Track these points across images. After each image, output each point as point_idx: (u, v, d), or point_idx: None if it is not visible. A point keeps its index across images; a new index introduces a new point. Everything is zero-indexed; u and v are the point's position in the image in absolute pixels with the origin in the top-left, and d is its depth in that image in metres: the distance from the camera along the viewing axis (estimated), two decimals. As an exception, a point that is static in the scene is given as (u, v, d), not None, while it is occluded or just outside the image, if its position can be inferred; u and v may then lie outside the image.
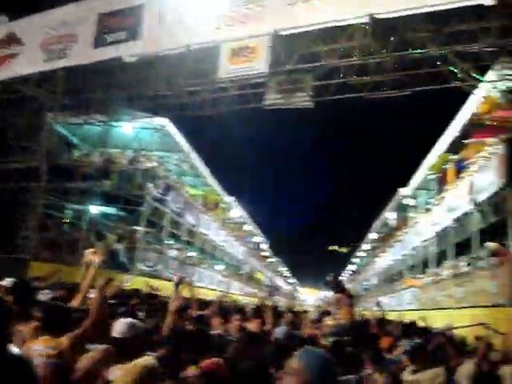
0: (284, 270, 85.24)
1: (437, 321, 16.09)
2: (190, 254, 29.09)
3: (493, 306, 13.97)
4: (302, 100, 14.61)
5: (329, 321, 11.73)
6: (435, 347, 7.61)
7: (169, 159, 23.82)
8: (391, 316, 21.35)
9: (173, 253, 25.10)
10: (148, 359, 3.62)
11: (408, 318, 20.20)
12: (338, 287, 10.31)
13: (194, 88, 15.97)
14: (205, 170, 27.09)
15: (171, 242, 27.20)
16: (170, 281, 21.54)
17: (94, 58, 16.44)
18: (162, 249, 22.95)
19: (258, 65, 13.57)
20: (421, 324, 14.71)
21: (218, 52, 14.39)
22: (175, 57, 15.43)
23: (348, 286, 65.89)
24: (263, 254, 57.19)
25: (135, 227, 21.38)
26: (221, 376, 4.60)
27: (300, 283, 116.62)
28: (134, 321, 5.08)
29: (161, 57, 15.61)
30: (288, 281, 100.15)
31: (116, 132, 21.04)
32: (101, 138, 20.70)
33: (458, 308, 17.01)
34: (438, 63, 13.07)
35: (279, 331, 7.53)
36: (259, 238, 50.07)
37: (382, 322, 11.82)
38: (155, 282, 19.35)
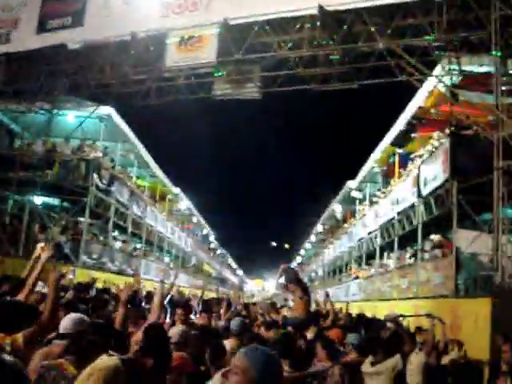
0: (231, 261, 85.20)
1: (381, 311, 16.35)
2: (136, 245, 28.63)
3: (435, 297, 14.25)
4: (250, 91, 14.50)
5: (285, 311, 11.71)
6: (391, 336, 7.65)
7: (114, 149, 23.25)
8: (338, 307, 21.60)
9: (118, 245, 24.60)
10: (111, 359, 3.41)
11: (354, 309, 20.56)
12: (293, 279, 10.30)
13: (140, 77, 15.57)
14: (151, 161, 26.58)
15: (117, 233, 26.71)
16: (113, 273, 21.43)
17: (36, 43, 15.77)
18: (107, 241, 22.44)
19: (206, 54, 13.35)
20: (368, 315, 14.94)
21: (164, 40, 14.09)
22: (121, 44, 15.02)
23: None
24: (211, 246, 57.00)
25: (79, 218, 20.86)
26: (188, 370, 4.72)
27: (247, 275, 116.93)
28: (81, 316, 4.96)
29: (106, 44, 15.14)
30: (236, 273, 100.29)
31: (60, 121, 20.32)
32: (44, 127, 19.94)
33: (401, 299, 17.32)
34: (386, 57, 13.13)
35: (235, 323, 7.41)
36: (206, 230, 49.81)
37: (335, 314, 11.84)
38: (100, 275, 19.05)
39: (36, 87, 16.99)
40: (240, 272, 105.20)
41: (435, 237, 15.88)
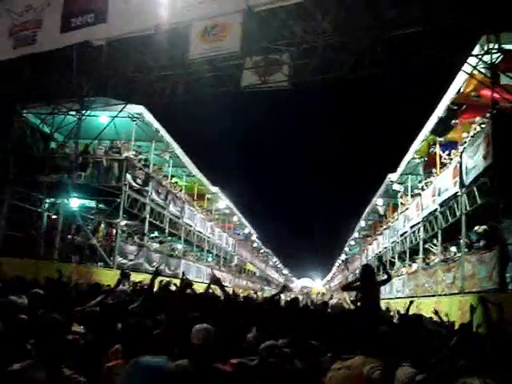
0: (276, 261, 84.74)
1: (427, 308, 15.54)
2: (174, 246, 28.43)
3: (480, 292, 13.41)
4: (279, 80, 13.95)
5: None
6: None
7: (148, 149, 23.02)
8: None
9: (155, 245, 24.37)
10: None
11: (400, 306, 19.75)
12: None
13: (166, 72, 15.22)
14: (187, 160, 26.32)
15: (155, 234, 26.52)
16: (151, 274, 21.08)
17: (61, 43, 15.57)
18: (143, 241, 22.19)
19: (230, 44, 12.85)
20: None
21: (188, 33, 13.66)
22: (145, 39, 14.67)
23: (339, 276, 65.51)
24: (254, 245, 56.63)
25: (114, 220, 20.66)
26: None
27: (293, 274, 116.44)
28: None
29: (129, 39, 14.81)
30: (282, 272, 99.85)
31: (91, 121, 20.17)
32: (75, 129, 19.82)
33: (446, 295, 16.51)
34: (419, 39, 12.42)
35: None
36: (248, 229, 49.43)
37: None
38: (137, 277, 18.77)
39: (63, 87, 16.84)
40: (285, 271, 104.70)
41: (480, 228, 14.98)
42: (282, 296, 26.13)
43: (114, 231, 20.30)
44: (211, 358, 4.62)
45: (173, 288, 10.05)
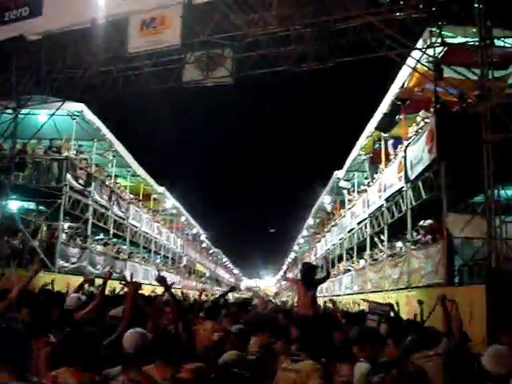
0: (226, 261, 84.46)
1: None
2: (120, 248, 27.71)
3: (428, 286, 13.42)
4: (222, 76, 13.59)
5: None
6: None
7: (90, 148, 22.31)
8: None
9: (98, 247, 23.65)
10: None
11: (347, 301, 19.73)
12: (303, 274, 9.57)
13: (106, 68, 14.66)
14: (131, 160, 25.64)
15: (100, 236, 25.78)
16: (96, 277, 20.40)
17: (-6, 37, 14.83)
18: (85, 244, 21.43)
19: (170, 37, 12.42)
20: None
21: (127, 25, 13.15)
22: (82, 33, 14.06)
23: (290, 273, 65.75)
24: (203, 245, 56.16)
25: (55, 222, 19.88)
26: None
27: (243, 274, 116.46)
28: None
29: (66, 33, 14.16)
30: (232, 272, 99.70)
31: (30, 120, 19.37)
32: (12, 128, 18.96)
33: (393, 290, 16.53)
34: (364, 31, 12.28)
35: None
36: (197, 229, 48.91)
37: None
38: (79, 280, 18.06)
39: (-3, 84, 16.03)
40: (236, 271, 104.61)
41: (425, 222, 15.03)
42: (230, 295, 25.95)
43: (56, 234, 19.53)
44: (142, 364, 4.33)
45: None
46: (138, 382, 4.14)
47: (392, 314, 8.25)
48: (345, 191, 26.55)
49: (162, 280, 6.26)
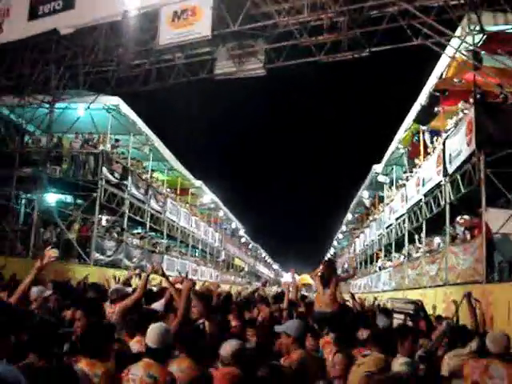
0: (265, 256, 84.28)
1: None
2: (157, 241, 27.84)
3: (466, 283, 12.96)
4: (254, 67, 13.39)
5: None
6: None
7: (126, 142, 22.40)
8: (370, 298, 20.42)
9: (135, 240, 23.76)
10: None
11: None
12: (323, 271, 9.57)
13: (138, 61, 14.62)
14: (168, 154, 25.67)
15: (138, 230, 25.92)
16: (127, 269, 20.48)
17: (28, 31, 14.90)
18: (121, 237, 21.54)
19: (200, 28, 12.27)
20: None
21: (158, 18, 13.07)
22: (114, 26, 14.04)
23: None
24: (241, 240, 56.10)
25: (92, 215, 20.03)
26: None
27: (283, 269, 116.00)
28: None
29: (96, 27, 14.16)
30: (272, 267, 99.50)
31: (66, 114, 19.55)
32: (49, 121, 19.14)
33: (431, 286, 16.09)
34: (399, 18, 11.88)
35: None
36: (235, 224, 48.83)
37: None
38: (115, 272, 18.12)
39: (34, 78, 16.18)
40: (275, 266, 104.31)
41: (463, 217, 14.52)
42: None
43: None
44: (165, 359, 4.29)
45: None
46: (155, 377, 4.00)
47: (421, 312, 7.99)
48: (384, 186, 26.02)
49: (156, 271, 6.38)
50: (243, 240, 56.92)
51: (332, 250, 58.55)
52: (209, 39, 12.63)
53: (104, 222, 21.53)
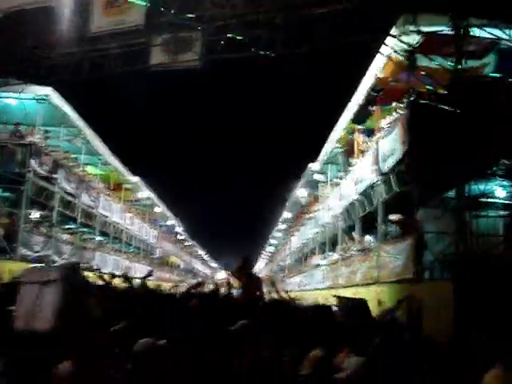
0: (203, 253, 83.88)
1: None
2: (90, 237, 27.10)
3: (397, 282, 13.10)
4: (190, 59, 13.09)
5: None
6: None
7: (58, 134, 21.67)
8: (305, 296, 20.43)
9: (65, 236, 22.99)
10: None
11: (319, 297, 19.33)
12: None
13: (70, 49, 14.04)
14: (102, 147, 24.99)
15: (71, 225, 25.09)
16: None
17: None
18: (50, 232, 20.76)
19: (133, 17, 11.88)
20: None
21: (91, 4, 12.58)
22: (44, 11, 13.42)
23: (266, 267, 65.61)
24: (178, 237, 55.50)
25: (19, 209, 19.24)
26: None
27: (222, 267, 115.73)
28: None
29: (26, 12, 13.49)
30: (209, 264, 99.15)
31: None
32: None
33: (364, 285, 16.21)
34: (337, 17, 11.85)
35: None
36: (172, 221, 48.25)
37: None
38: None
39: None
40: (213, 264, 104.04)
41: (395, 216, 14.69)
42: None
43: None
44: None
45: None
46: None
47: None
48: (319, 184, 26.15)
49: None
50: (180, 237, 56.32)
51: (270, 248, 58.69)
52: (142, 29, 12.25)
53: (36, 216, 20.74)
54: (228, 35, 12.55)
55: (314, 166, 25.51)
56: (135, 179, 32.58)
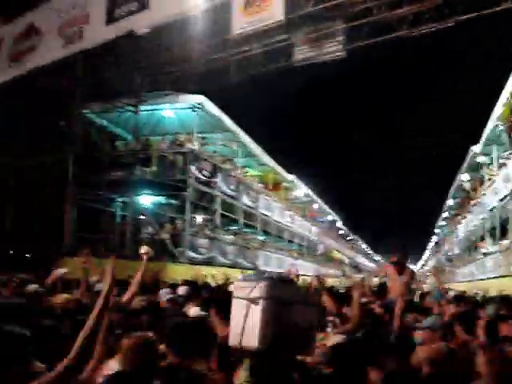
0: (365, 247, 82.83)
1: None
2: (253, 237, 27.78)
3: None
4: (333, 50, 12.85)
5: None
6: None
7: (215, 140, 22.49)
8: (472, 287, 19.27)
9: (228, 237, 23.78)
10: None
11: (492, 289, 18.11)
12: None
13: (214, 55, 14.46)
14: (257, 149, 25.50)
15: (233, 227, 25.92)
16: (227, 268, 20.48)
17: (106, 35, 15.09)
18: (214, 234, 21.57)
19: (273, 12, 11.88)
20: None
21: (230, 7, 12.81)
22: (185, 22, 13.93)
23: (432, 259, 63.09)
24: (339, 232, 55.23)
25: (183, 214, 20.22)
26: None
27: (385, 260, 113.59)
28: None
29: (170, 24, 14.09)
30: (373, 258, 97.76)
31: (152, 116, 19.91)
32: (136, 124, 19.49)
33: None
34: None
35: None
36: (332, 217, 48.11)
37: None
38: (210, 270, 18.12)
39: (118, 82, 16.48)
40: (377, 257, 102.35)
41: None
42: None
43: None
44: None
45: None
46: None
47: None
48: (484, 167, 24.52)
49: None
50: (341, 232, 56.05)
51: (434, 238, 56.45)
52: (283, 24, 12.22)
53: (199, 220, 21.75)
54: (370, 19, 12.14)
55: (475, 148, 24.01)
56: (291, 177, 32.91)
